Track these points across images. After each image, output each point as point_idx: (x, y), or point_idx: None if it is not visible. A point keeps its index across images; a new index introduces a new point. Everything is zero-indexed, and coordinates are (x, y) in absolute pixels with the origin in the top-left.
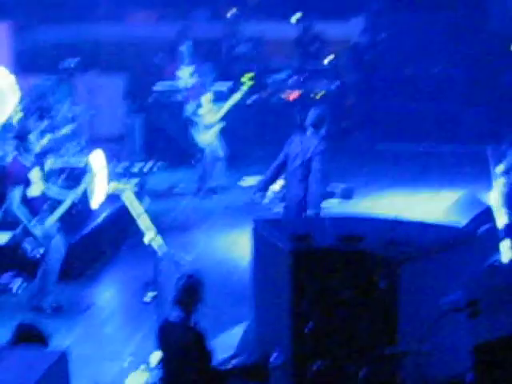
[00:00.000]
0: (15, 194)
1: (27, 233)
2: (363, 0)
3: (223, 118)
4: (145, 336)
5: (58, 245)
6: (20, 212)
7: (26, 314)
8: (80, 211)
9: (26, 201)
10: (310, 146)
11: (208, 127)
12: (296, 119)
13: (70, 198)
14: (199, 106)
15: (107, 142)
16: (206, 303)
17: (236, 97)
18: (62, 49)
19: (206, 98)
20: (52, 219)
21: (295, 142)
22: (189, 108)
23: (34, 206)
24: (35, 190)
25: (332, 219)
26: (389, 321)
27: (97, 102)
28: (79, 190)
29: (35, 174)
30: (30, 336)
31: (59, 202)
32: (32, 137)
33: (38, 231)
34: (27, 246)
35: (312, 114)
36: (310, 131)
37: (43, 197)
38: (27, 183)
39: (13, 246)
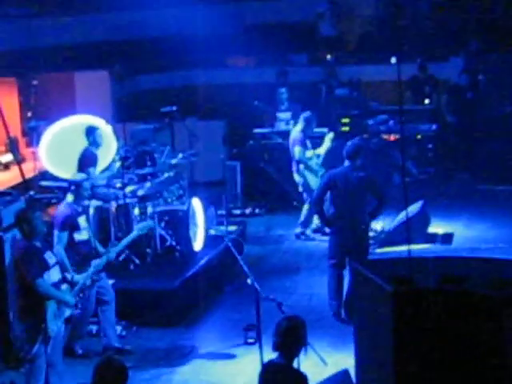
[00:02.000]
0: (62, 238)
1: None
2: (462, 40)
3: (324, 162)
4: (248, 379)
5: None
6: (62, 256)
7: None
8: (182, 255)
9: (74, 244)
10: (356, 179)
11: (314, 170)
12: (397, 160)
13: (114, 250)
14: (306, 149)
15: (208, 186)
16: (307, 346)
17: (328, 141)
18: (160, 95)
19: (308, 142)
20: (92, 269)
21: (337, 177)
22: (296, 151)
23: (81, 250)
24: (83, 234)
25: (434, 260)
26: (494, 364)
27: (197, 147)
28: (121, 245)
29: (83, 220)
30: (110, 368)
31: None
32: (86, 184)
33: (76, 278)
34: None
35: (348, 146)
36: (346, 163)
37: (90, 242)
38: (75, 228)
39: None
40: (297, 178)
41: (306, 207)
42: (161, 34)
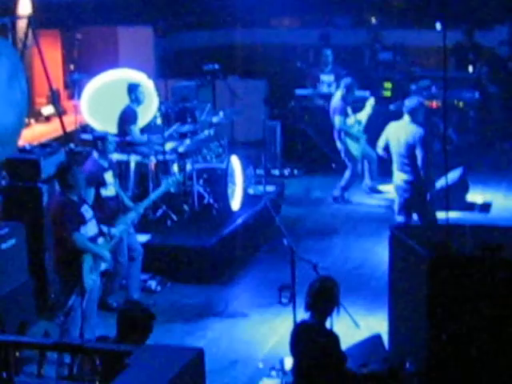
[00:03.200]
0: (88, 194)
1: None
2: (508, 8)
3: (365, 128)
4: (280, 338)
5: (124, 250)
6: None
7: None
8: (220, 213)
9: (101, 200)
10: (410, 133)
11: (355, 137)
12: (438, 127)
13: (142, 205)
14: (346, 117)
15: (247, 145)
16: (340, 308)
17: (369, 107)
18: (203, 53)
19: (349, 109)
20: (122, 223)
21: (394, 131)
22: (336, 120)
23: (108, 205)
24: (110, 190)
25: (471, 227)
26: None
27: (238, 105)
28: (149, 200)
29: (110, 176)
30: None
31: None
32: (111, 138)
33: (113, 231)
34: None
35: (408, 103)
36: (407, 119)
37: (117, 197)
38: (102, 184)
39: None
40: (339, 145)
41: (347, 173)
42: None
